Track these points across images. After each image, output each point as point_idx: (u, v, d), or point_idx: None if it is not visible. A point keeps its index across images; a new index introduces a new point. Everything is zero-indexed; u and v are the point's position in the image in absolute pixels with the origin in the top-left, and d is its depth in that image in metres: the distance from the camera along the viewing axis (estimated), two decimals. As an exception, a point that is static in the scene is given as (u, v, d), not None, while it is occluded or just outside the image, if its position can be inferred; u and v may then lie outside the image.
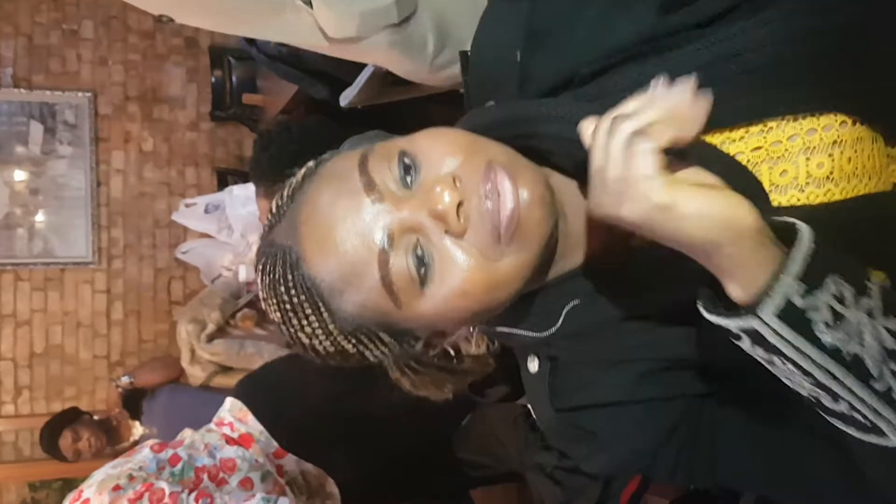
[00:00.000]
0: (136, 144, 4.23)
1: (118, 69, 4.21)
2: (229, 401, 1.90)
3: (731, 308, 0.56)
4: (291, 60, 2.46)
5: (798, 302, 0.52)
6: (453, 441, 2.10)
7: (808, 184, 0.66)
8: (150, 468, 1.64)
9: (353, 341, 0.68)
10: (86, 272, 4.16)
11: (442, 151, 0.65)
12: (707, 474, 0.73)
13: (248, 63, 3.84)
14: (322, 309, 0.66)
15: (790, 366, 0.54)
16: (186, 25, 3.98)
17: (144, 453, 1.69)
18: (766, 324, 0.53)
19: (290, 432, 1.76)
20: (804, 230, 0.54)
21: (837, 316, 0.52)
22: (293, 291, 0.66)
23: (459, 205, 0.62)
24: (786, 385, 0.58)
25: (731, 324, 0.55)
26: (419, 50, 1.20)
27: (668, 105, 0.55)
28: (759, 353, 0.56)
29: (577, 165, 0.68)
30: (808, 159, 0.65)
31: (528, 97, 0.75)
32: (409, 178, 0.64)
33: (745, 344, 0.56)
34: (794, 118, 0.65)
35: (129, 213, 4.21)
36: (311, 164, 0.73)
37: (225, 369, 3.21)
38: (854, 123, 0.65)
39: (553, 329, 0.74)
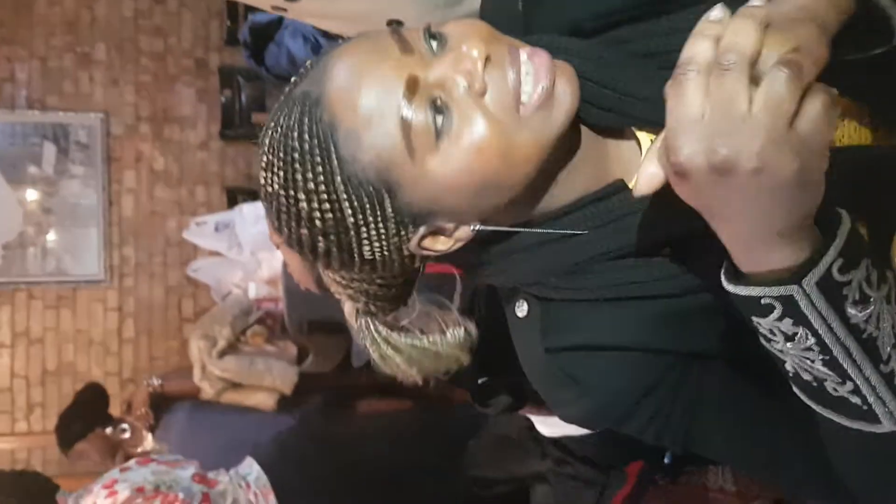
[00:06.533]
0: (148, 164, 4.29)
1: (130, 90, 4.28)
2: (256, 469, 2.02)
3: (760, 278, 0.56)
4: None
5: (836, 276, 0.53)
6: (464, 461, 2.14)
7: None
8: (179, 490, 1.76)
9: (356, 202, 0.66)
10: (98, 290, 4.21)
11: (469, 30, 0.67)
12: (678, 437, 0.74)
13: (256, 83, 3.90)
14: (333, 154, 0.64)
15: (812, 340, 0.56)
16: (197, 47, 3.99)
17: (185, 475, 1.82)
18: (805, 293, 0.53)
19: None
20: (844, 213, 0.55)
21: (864, 297, 0.54)
22: (306, 136, 0.65)
23: (486, 61, 0.64)
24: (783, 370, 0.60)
25: (770, 291, 0.55)
26: None
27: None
28: (782, 326, 0.56)
29: None
30: None
31: None
32: (435, 46, 0.66)
33: (773, 315, 0.56)
34: None
35: (141, 232, 4.26)
36: None
37: (235, 385, 3.25)
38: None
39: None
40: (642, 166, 0.57)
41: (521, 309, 0.80)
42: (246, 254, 3.58)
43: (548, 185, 0.71)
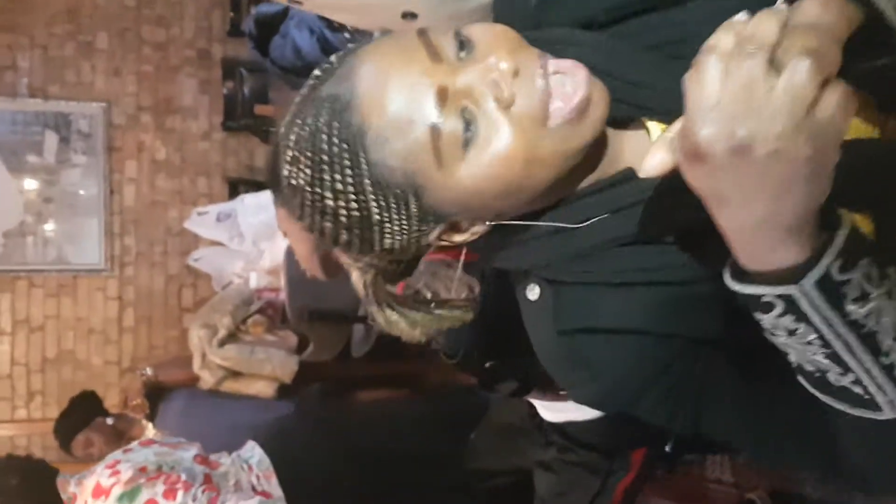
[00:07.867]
0: (149, 154, 4.30)
1: (132, 80, 4.29)
2: (258, 452, 2.05)
3: (762, 277, 0.58)
4: (305, 72, 2.52)
5: (836, 276, 0.55)
6: (464, 456, 2.16)
7: None
8: (181, 471, 1.79)
9: (382, 202, 0.68)
10: (98, 279, 4.23)
11: (497, 35, 0.68)
12: (688, 421, 0.76)
13: (259, 75, 3.91)
14: (362, 158, 0.66)
15: (813, 335, 0.58)
16: (199, 37, 3.99)
17: (187, 456, 1.85)
18: (804, 293, 0.55)
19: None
20: (845, 214, 0.57)
21: (864, 294, 0.56)
22: (335, 139, 0.66)
23: (514, 74, 0.65)
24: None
25: (770, 291, 0.57)
26: None
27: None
28: (784, 322, 0.58)
29: None
30: None
31: None
32: (462, 53, 0.67)
33: (774, 312, 0.58)
34: None
35: (142, 222, 4.28)
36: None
37: (235, 374, 3.27)
38: None
39: (580, 225, 0.74)
40: (651, 150, 0.59)
41: (533, 292, 0.82)
42: (247, 244, 3.59)
43: (566, 185, 0.73)
